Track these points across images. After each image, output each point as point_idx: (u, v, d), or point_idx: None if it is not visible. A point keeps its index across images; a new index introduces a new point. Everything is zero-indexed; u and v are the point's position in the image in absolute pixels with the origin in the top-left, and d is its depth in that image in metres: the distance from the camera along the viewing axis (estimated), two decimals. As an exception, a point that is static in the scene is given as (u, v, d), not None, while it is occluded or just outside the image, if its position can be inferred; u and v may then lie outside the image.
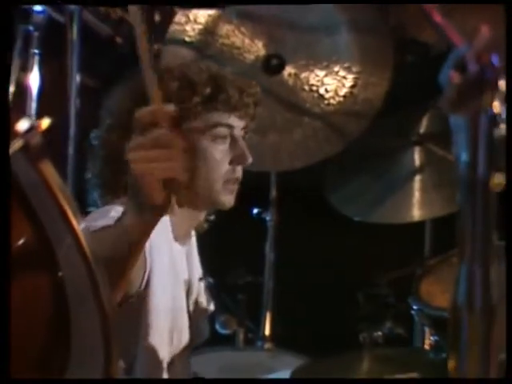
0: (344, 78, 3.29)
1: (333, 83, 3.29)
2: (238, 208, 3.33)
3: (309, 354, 2.94)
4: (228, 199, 2.50)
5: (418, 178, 3.36)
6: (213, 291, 2.98)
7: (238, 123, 2.49)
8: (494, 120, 0.97)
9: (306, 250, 3.87)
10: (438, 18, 0.99)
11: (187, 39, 3.21)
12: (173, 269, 2.47)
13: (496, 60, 0.94)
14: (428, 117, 3.41)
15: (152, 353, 2.43)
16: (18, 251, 1.28)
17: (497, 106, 0.95)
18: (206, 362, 2.91)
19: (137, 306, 2.33)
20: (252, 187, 3.38)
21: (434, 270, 3.13)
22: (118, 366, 1.36)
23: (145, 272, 2.27)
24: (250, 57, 3.27)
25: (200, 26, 3.24)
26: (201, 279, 2.70)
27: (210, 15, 3.24)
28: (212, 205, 2.54)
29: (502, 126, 0.96)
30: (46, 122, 1.19)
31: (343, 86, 3.28)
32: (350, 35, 3.27)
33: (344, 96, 3.30)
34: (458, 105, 0.96)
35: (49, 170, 1.20)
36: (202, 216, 2.59)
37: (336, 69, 3.31)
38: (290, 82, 3.30)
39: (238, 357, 3.05)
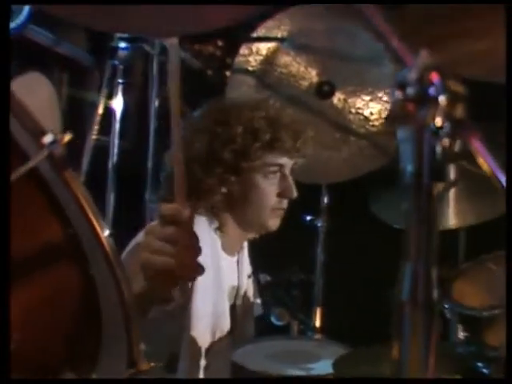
0: (386, 102, 3.23)
1: (377, 107, 3.24)
2: (293, 215, 3.31)
3: (351, 344, 2.87)
4: (274, 224, 2.54)
5: (453, 190, 3.28)
6: (270, 287, 2.97)
7: (288, 163, 2.53)
8: (436, 134, 0.94)
9: (352, 252, 3.87)
10: (395, 41, 0.94)
11: (250, 69, 3.21)
12: (217, 280, 2.46)
13: (436, 79, 0.89)
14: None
15: (193, 353, 2.41)
16: (50, 246, 1.26)
17: (439, 121, 0.91)
18: (263, 350, 2.86)
19: (180, 313, 2.28)
20: (305, 197, 3.35)
21: (466, 272, 3.06)
22: (140, 351, 1.31)
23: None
24: (305, 83, 3.25)
25: (261, 57, 3.23)
26: (249, 276, 2.68)
27: (269, 48, 3.24)
28: (260, 228, 2.56)
29: (445, 140, 0.94)
30: (67, 137, 1.18)
31: (386, 109, 3.23)
32: (392, 65, 3.23)
33: (388, 118, 3.24)
34: (401, 120, 0.91)
35: (71, 176, 1.18)
36: (251, 235, 2.60)
37: (380, 94, 3.26)
38: (339, 105, 3.26)
39: (291, 345, 2.98)
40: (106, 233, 1.22)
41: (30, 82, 3.85)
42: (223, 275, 2.51)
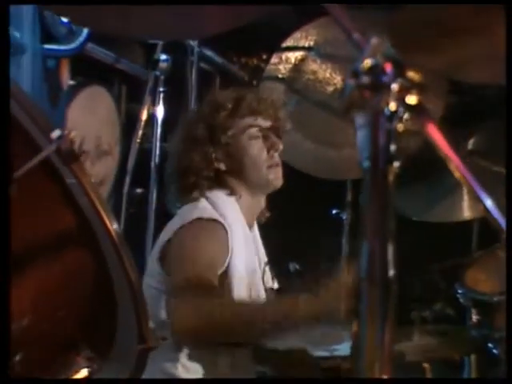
0: (404, 104, 3.17)
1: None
2: (321, 209, 3.27)
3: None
4: (275, 179, 2.52)
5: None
6: (299, 275, 2.94)
7: (264, 123, 2.51)
8: (391, 118, 0.92)
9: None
10: (356, 35, 0.90)
11: (280, 76, 3.20)
12: (248, 250, 2.46)
13: (389, 68, 0.86)
14: (474, 137, 3.27)
15: None
16: (65, 233, 1.25)
17: (393, 106, 0.86)
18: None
19: (222, 280, 2.35)
20: (332, 193, 3.31)
21: (479, 260, 3.02)
22: (149, 328, 1.29)
23: (228, 255, 2.36)
24: (330, 88, 3.22)
25: (290, 65, 3.22)
26: (266, 264, 2.65)
27: (297, 56, 3.22)
28: (266, 186, 2.53)
29: (399, 124, 0.93)
30: (73, 133, 1.17)
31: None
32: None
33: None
34: (355, 106, 0.87)
35: (79, 168, 1.17)
36: (262, 204, 2.57)
37: (399, 97, 3.19)
38: (362, 108, 3.20)
39: (319, 328, 2.94)
40: (115, 226, 1.20)
41: (93, 96, 3.91)
42: (249, 245, 2.50)
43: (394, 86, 0.89)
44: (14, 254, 1.15)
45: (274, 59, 3.21)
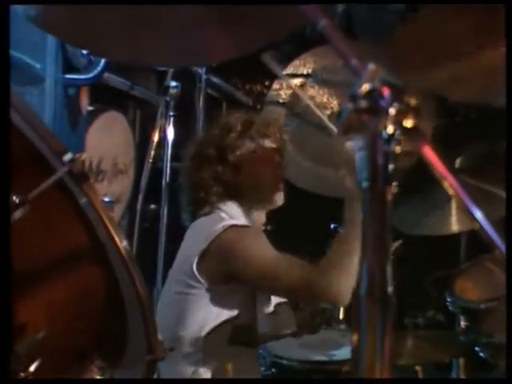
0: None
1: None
2: (322, 224, 3.22)
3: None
4: (278, 198, 2.50)
5: (454, 199, 3.18)
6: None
7: (270, 145, 2.50)
8: (389, 140, 0.87)
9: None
10: (353, 61, 0.86)
11: (281, 100, 3.17)
12: None
13: (387, 92, 0.81)
14: (462, 157, 3.23)
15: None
16: (78, 250, 1.20)
17: (390, 129, 0.82)
18: (291, 339, 2.78)
19: None
20: (331, 208, 3.27)
21: (466, 271, 2.97)
22: (157, 340, 1.24)
23: None
24: (327, 112, 3.18)
25: (290, 91, 3.18)
26: None
27: (297, 82, 3.18)
28: (269, 204, 2.50)
29: (397, 147, 0.88)
30: (84, 156, 1.12)
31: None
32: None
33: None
34: (352, 129, 0.82)
35: (90, 188, 1.12)
36: (263, 218, 2.54)
37: (389, 119, 3.16)
38: (357, 130, 3.18)
39: (318, 334, 2.90)
40: (124, 243, 1.16)
41: (110, 120, 3.90)
42: None
43: (392, 110, 0.84)
44: (29, 271, 1.11)
45: (276, 85, 3.18)
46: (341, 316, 3.19)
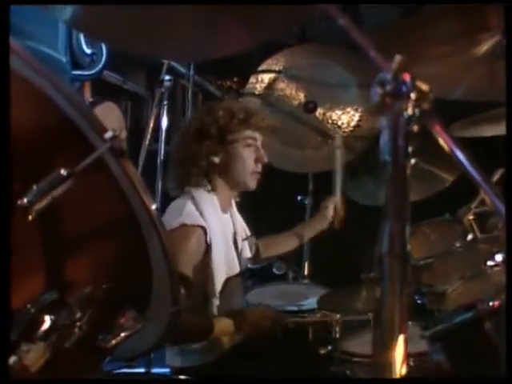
0: (353, 115, 3.14)
1: (346, 118, 3.15)
2: (288, 196, 3.19)
3: (331, 286, 2.77)
4: (253, 184, 2.46)
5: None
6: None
7: (259, 137, 2.46)
8: (409, 120, 0.83)
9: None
10: (372, 53, 0.81)
11: (256, 92, 3.15)
12: (223, 234, 2.38)
13: (408, 78, 0.77)
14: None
15: (217, 287, 2.34)
16: (114, 217, 1.14)
17: (410, 111, 0.79)
18: (267, 292, 2.76)
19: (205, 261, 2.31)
20: (297, 183, 3.24)
21: (412, 233, 2.96)
22: (180, 293, 1.19)
23: (203, 250, 2.30)
24: (296, 102, 3.18)
25: (264, 84, 3.17)
26: (245, 239, 2.58)
27: (271, 77, 3.17)
28: (243, 187, 2.47)
29: (415, 126, 0.83)
30: (124, 133, 1.06)
31: (353, 120, 3.13)
32: (358, 89, 3.14)
33: (354, 126, 3.13)
34: (381, 110, 0.78)
35: (127, 164, 1.06)
36: (235, 194, 2.51)
37: (349, 109, 3.16)
38: (320, 118, 3.18)
39: (287, 288, 2.89)
40: (154, 206, 1.10)
41: (106, 109, 3.81)
42: (226, 228, 2.42)
43: (412, 94, 0.80)
44: (78, 234, 1.05)
45: (252, 79, 3.15)
46: (305, 272, 3.19)
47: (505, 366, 1.29)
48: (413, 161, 0.84)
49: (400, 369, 0.83)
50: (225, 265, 2.36)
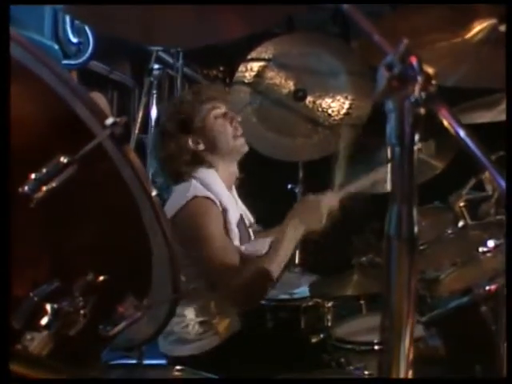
0: (343, 103, 3.13)
1: (336, 106, 3.14)
2: (280, 184, 3.19)
3: (321, 274, 2.78)
4: (241, 145, 2.46)
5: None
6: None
7: (221, 105, 2.46)
8: (416, 103, 0.82)
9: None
10: (376, 37, 0.82)
11: (246, 81, 3.13)
12: (231, 206, 2.42)
13: (415, 62, 0.78)
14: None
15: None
16: (115, 204, 1.14)
17: (416, 93, 0.80)
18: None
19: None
20: (287, 171, 3.24)
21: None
22: (180, 280, 1.19)
23: (221, 220, 2.34)
24: (285, 90, 3.17)
25: (254, 73, 3.16)
26: (251, 226, 2.58)
27: (260, 65, 3.15)
28: (235, 153, 2.47)
29: (421, 108, 0.82)
30: (124, 120, 1.06)
31: (343, 108, 3.12)
32: (347, 77, 3.14)
33: (344, 114, 3.13)
34: (388, 93, 0.78)
35: (128, 150, 1.06)
36: (236, 171, 2.51)
37: (338, 97, 3.16)
38: (310, 106, 3.17)
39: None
40: (154, 193, 1.10)
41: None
42: (230, 199, 2.46)
43: (419, 78, 0.80)
44: (77, 225, 1.05)
45: (241, 68, 3.14)
46: (297, 261, 3.19)
47: (505, 368, 1.30)
48: (419, 145, 0.84)
49: (408, 354, 0.83)
50: (237, 232, 2.41)
